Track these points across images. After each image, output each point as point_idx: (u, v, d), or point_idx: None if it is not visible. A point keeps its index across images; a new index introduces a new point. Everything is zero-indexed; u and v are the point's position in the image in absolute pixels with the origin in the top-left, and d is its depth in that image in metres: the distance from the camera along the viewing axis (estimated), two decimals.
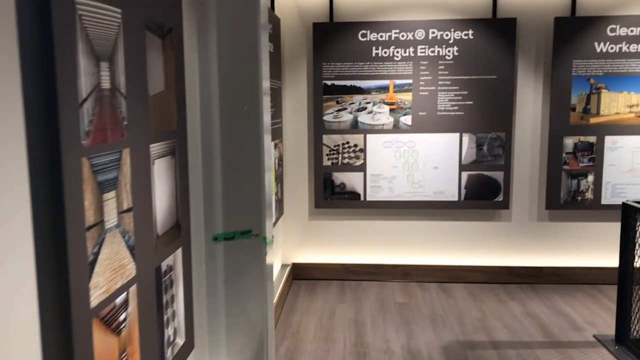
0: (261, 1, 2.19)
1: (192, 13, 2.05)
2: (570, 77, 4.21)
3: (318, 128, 4.41)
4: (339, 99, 4.38)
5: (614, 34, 4.14)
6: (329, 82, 4.37)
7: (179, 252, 1.81)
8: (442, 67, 4.31)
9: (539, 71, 4.31)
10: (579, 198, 4.32)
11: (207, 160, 2.20)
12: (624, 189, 4.28)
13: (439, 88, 4.32)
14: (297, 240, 4.61)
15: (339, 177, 4.45)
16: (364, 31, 4.29)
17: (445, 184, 4.40)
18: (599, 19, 4.14)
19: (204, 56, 2.16)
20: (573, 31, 4.17)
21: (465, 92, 4.31)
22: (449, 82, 4.31)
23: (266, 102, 2.24)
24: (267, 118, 2.25)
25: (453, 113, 4.32)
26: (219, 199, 2.24)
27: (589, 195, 4.31)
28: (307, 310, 3.94)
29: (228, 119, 2.20)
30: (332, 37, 4.32)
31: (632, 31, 4.13)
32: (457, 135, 4.35)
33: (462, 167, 4.38)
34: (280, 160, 4.25)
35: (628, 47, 4.14)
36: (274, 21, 3.97)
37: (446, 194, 4.42)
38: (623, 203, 3.24)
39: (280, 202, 4.25)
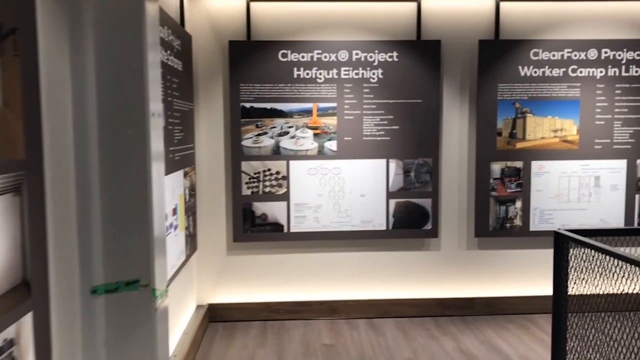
0: (147, 15, 1.82)
1: (57, 14, 1.66)
2: (496, 101, 4.12)
3: (236, 154, 4.05)
4: (259, 123, 4.05)
5: (537, 57, 4.10)
6: (247, 105, 4.03)
7: (26, 318, 1.38)
8: (367, 90, 4.09)
9: (465, 95, 4.20)
10: (508, 225, 4.20)
11: (82, 195, 1.79)
12: (551, 214, 4.20)
13: (364, 112, 4.10)
14: (214, 279, 4.18)
15: (260, 207, 4.09)
16: (285, 51, 4.01)
17: (373, 212, 4.15)
18: (522, 43, 4.09)
19: (78, 69, 1.76)
20: (497, 54, 4.09)
21: (391, 117, 4.11)
22: (374, 106, 4.10)
23: (156, 124, 1.87)
24: (157, 144, 1.88)
25: (379, 138, 4.10)
26: (97, 242, 1.82)
27: (518, 221, 4.20)
28: (223, 359, 3.51)
29: (109, 145, 1.81)
30: (250, 56, 4.00)
31: (553, 55, 4.10)
32: (384, 161, 4.13)
33: (390, 195, 4.15)
34: (192, 190, 3.84)
35: (551, 72, 4.11)
36: (184, 38, 3.60)
37: (374, 223, 4.16)
38: (555, 232, 3.09)
39: (192, 237, 3.82)
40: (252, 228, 4.10)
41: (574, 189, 4.19)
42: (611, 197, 4.19)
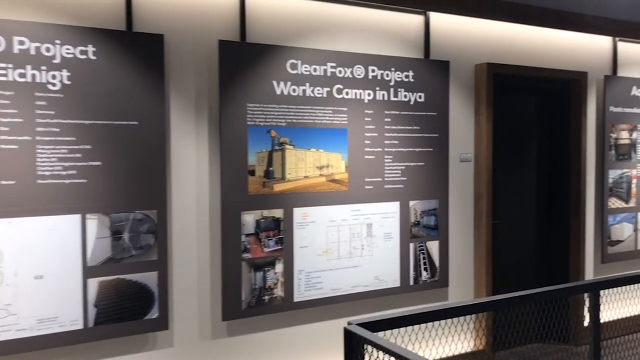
0: None
1: None
2: (246, 128, 2.95)
3: None
4: None
5: (295, 71, 3.08)
6: None
7: None
8: (43, 102, 2.50)
9: (202, 116, 2.93)
10: (266, 297, 3.04)
11: None
12: (319, 277, 3.19)
13: (37, 138, 2.49)
14: None
15: None
16: None
17: (58, 304, 2.53)
18: (276, 50, 3.03)
19: None
20: (245, 62, 2.94)
21: (88, 147, 2.59)
22: (56, 130, 2.52)
23: None
24: None
25: (68, 181, 2.54)
26: None
27: (279, 291, 3.07)
28: None
29: None
30: None
31: (315, 70, 3.14)
32: (77, 217, 2.57)
33: (89, 271, 2.60)
34: None
35: (312, 91, 3.14)
36: None
37: (61, 321, 2.55)
38: (345, 329, 2.00)
39: None
40: None
41: (344, 242, 3.27)
42: (385, 248, 3.39)
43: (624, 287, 2.73)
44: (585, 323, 4.19)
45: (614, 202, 4.38)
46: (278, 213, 3.05)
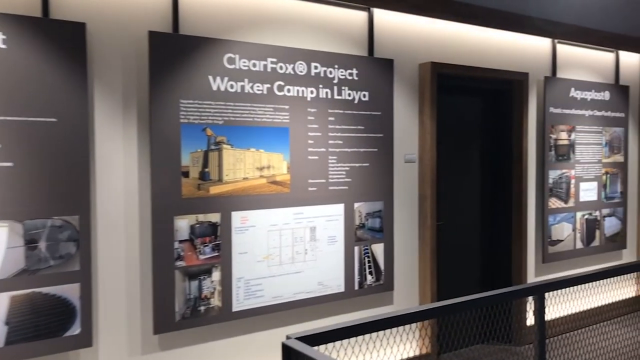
0: None
1: None
2: (179, 126, 2.74)
3: None
4: None
5: (233, 66, 2.90)
6: None
7: None
8: None
9: (131, 112, 2.70)
10: (202, 308, 2.84)
11: None
12: (260, 285, 3.02)
13: None
14: None
15: None
16: None
17: None
18: (212, 43, 2.84)
19: None
20: (178, 55, 2.73)
21: None
22: None
23: None
24: None
25: None
26: None
27: (216, 301, 2.88)
28: None
29: None
30: None
31: (254, 65, 2.97)
32: None
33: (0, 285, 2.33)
34: None
35: (252, 87, 2.96)
36: None
37: None
38: (283, 344, 1.84)
39: None
40: None
41: (286, 247, 3.11)
42: (329, 253, 3.26)
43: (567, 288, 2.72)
44: (528, 322, 4.22)
45: (554, 202, 4.43)
46: (215, 217, 2.86)
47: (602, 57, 4.84)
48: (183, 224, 2.76)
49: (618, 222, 4.94)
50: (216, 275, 2.87)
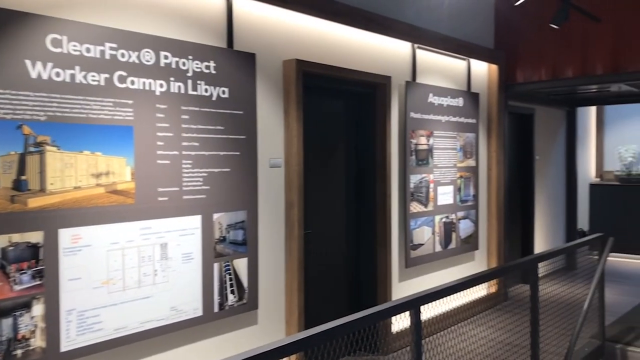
0: None
1: None
2: None
3: None
4: None
5: (59, 49, 2.34)
6: None
7: None
8: None
9: None
10: (19, 351, 2.24)
11: None
12: (98, 316, 2.48)
13: None
14: None
15: None
16: None
17: None
18: (30, 19, 2.26)
19: None
20: None
21: None
22: None
23: None
24: None
25: None
26: None
27: (38, 341, 2.30)
28: None
29: None
30: None
31: (88, 50, 2.44)
32: None
33: None
34: None
35: (85, 76, 2.43)
36: None
37: None
38: None
39: None
40: None
41: (131, 268, 2.61)
42: (184, 272, 2.82)
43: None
44: (393, 330, 4.14)
45: (415, 207, 4.43)
46: (35, 237, 2.28)
47: (457, 65, 4.99)
48: None
49: (471, 224, 5.13)
50: (38, 309, 2.29)
